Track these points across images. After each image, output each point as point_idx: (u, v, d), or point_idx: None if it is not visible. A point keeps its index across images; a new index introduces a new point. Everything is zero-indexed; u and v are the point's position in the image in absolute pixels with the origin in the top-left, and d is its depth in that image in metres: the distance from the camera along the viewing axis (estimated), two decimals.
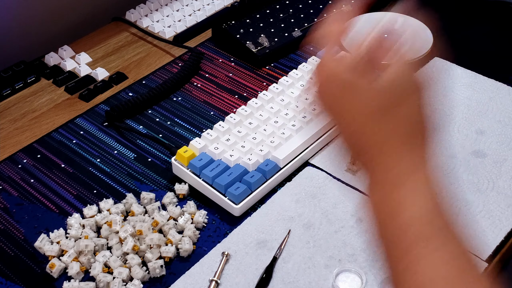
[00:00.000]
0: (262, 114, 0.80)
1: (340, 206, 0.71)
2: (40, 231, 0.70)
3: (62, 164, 0.79)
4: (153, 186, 0.76)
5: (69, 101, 0.89)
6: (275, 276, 0.64)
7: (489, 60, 0.94)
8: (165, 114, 0.87)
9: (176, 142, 0.82)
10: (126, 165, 0.79)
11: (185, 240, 0.68)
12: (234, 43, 0.96)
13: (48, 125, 0.85)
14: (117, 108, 0.84)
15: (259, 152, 0.75)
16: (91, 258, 0.66)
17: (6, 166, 0.79)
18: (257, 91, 0.90)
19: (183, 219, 0.70)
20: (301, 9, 1.02)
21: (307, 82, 0.78)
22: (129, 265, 0.66)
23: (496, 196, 0.71)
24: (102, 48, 1.00)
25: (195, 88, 0.91)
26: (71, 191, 0.76)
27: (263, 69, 0.94)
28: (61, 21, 1.02)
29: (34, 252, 0.69)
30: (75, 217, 0.71)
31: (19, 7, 0.95)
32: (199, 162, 0.73)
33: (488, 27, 1.01)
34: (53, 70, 0.94)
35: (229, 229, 0.70)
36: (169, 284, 0.65)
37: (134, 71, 0.95)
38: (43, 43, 1.00)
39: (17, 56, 0.95)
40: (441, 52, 0.95)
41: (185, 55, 0.97)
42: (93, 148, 0.81)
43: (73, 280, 0.64)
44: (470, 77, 0.90)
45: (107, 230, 0.69)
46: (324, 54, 0.54)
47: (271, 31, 0.97)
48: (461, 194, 0.71)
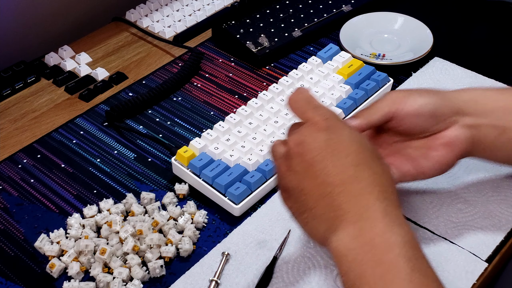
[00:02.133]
0: (262, 114, 0.80)
1: None
2: (40, 231, 0.71)
3: (62, 164, 0.79)
4: (153, 186, 0.76)
5: (69, 101, 0.89)
6: (275, 276, 0.64)
7: (489, 60, 0.94)
8: (165, 114, 0.87)
9: (176, 142, 0.82)
10: (126, 165, 0.79)
11: (185, 240, 0.68)
12: (234, 43, 0.96)
13: (48, 125, 0.85)
14: (117, 108, 0.84)
15: (259, 152, 0.75)
16: (91, 258, 0.66)
17: (6, 166, 0.79)
18: (257, 91, 0.90)
19: (183, 219, 0.70)
20: (301, 9, 1.02)
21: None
22: (129, 265, 0.66)
23: (496, 196, 0.71)
24: (102, 48, 1.00)
25: (195, 88, 0.91)
26: (71, 191, 0.76)
27: (263, 69, 0.94)
28: (61, 21, 1.02)
29: (34, 252, 0.69)
30: (75, 217, 0.71)
31: (19, 7, 0.95)
32: (199, 162, 0.73)
33: (488, 27, 1.01)
34: (53, 70, 0.94)
35: (229, 229, 0.70)
36: (169, 284, 0.65)
37: (134, 71, 0.95)
38: (43, 43, 1.00)
39: (17, 56, 0.95)
40: (441, 52, 0.95)
41: (185, 55, 0.97)
42: (93, 148, 0.81)
43: (73, 280, 0.64)
44: (470, 77, 0.90)
45: (107, 230, 0.69)
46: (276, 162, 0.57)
47: (271, 31, 0.97)
48: (461, 194, 0.71)
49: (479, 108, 0.63)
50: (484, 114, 0.63)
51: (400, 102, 0.62)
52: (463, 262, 0.65)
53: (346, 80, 0.86)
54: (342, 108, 0.81)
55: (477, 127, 0.63)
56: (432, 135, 0.63)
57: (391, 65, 0.91)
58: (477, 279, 0.63)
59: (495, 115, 0.63)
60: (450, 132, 0.63)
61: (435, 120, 0.62)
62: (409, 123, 0.62)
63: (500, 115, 0.63)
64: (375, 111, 0.62)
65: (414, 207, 0.70)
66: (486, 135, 0.63)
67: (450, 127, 0.63)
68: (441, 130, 0.63)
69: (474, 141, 0.63)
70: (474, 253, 0.66)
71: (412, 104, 0.62)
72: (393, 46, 0.96)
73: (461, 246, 0.66)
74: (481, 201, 0.71)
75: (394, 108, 0.62)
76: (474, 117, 0.63)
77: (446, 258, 0.65)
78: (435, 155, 0.63)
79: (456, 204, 0.71)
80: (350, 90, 0.85)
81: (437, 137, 0.63)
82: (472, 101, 0.64)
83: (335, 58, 0.89)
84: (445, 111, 0.62)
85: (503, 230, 0.68)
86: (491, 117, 0.63)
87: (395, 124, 0.63)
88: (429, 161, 0.63)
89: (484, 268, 0.64)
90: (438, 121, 0.62)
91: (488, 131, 0.63)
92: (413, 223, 0.69)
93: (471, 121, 0.63)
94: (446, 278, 0.63)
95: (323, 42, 0.99)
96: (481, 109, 0.63)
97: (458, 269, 0.64)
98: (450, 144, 0.63)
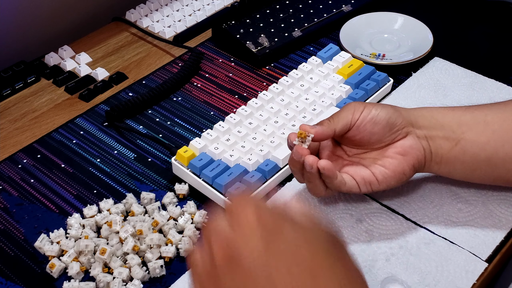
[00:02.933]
0: (262, 114, 0.80)
1: (340, 206, 0.71)
2: (40, 231, 0.71)
3: (62, 164, 0.79)
4: (153, 186, 0.76)
5: (69, 101, 0.89)
6: None
7: (489, 60, 0.94)
8: (165, 114, 0.87)
9: (176, 142, 0.82)
10: (126, 165, 0.79)
11: (185, 240, 0.68)
12: (234, 43, 0.96)
13: (48, 125, 0.85)
14: (117, 108, 0.84)
15: (259, 152, 0.75)
16: (91, 258, 0.66)
17: (6, 166, 0.79)
18: (257, 91, 0.90)
19: (183, 219, 0.70)
20: (301, 9, 1.02)
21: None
22: (129, 265, 0.65)
23: (496, 196, 0.71)
24: (102, 48, 1.00)
25: (195, 88, 0.91)
26: (71, 191, 0.76)
27: (263, 69, 0.94)
28: (61, 21, 1.02)
29: (34, 252, 0.69)
30: (75, 217, 0.71)
31: (19, 7, 0.95)
32: (199, 162, 0.73)
33: (488, 27, 1.01)
34: (53, 70, 0.94)
35: None
36: (169, 284, 0.65)
37: (134, 71, 0.95)
38: (43, 43, 1.00)
39: (17, 56, 0.95)
40: (441, 52, 0.95)
41: (185, 55, 0.97)
42: (93, 148, 0.81)
43: (73, 280, 0.64)
44: (470, 77, 0.90)
45: (107, 230, 0.69)
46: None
47: (271, 31, 0.97)
48: (461, 194, 0.71)
49: (431, 122, 0.66)
50: (436, 127, 0.66)
51: (358, 110, 0.65)
52: (463, 262, 0.65)
53: (346, 80, 0.86)
54: None
55: (431, 138, 0.66)
56: (387, 145, 0.66)
57: (391, 65, 0.91)
58: (477, 279, 0.63)
59: (447, 128, 0.66)
60: (405, 141, 0.65)
61: (390, 128, 0.65)
62: (366, 131, 0.65)
63: (452, 128, 0.66)
64: (338, 119, 0.65)
65: (414, 207, 0.70)
66: (440, 147, 0.66)
67: (405, 137, 0.65)
68: (396, 140, 0.66)
69: (428, 152, 0.66)
70: (474, 253, 0.66)
71: (368, 113, 0.65)
72: (393, 46, 0.96)
73: (461, 246, 0.66)
74: (481, 201, 0.71)
75: (355, 117, 0.65)
76: (427, 130, 0.66)
77: (446, 258, 0.65)
78: (390, 163, 0.65)
79: (456, 204, 0.71)
80: (350, 90, 0.85)
81: (393, 146, 0.66)
82: (422, 116, 0.67)
83: (335, 58, 0.89)
84: (399, 120, 0.65)
85: (503, 230, 0.68)
86: (443, 130, 0.66)
87: (353, 133, 0.65)
88: (385, 169, 0.65)
89: (484, 268, 0.64)
90: (393, 130, 0.65)
91: (442, 142, 0.66)
92: (413, 223, 0.69)
93: (425, 133, 0.66)
94: (446, 278, 0.63)
95: (323, 42, 0.99)
96: (433, 123, 0.66)
97: (458, 269, 0.64)
98: (404, 153, 0.65)
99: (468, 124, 0.66)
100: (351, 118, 0.65)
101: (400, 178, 0.66)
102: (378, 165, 0.65)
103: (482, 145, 0.65)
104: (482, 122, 0.66)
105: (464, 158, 0.65)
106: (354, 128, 0.65)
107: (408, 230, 0.68)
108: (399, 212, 0.70)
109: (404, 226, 0.69)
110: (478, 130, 0.65)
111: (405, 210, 0.70)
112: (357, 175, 0.65)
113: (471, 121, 0.66)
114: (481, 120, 0.66)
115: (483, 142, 0.65)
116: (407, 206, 0.70)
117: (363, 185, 0.65)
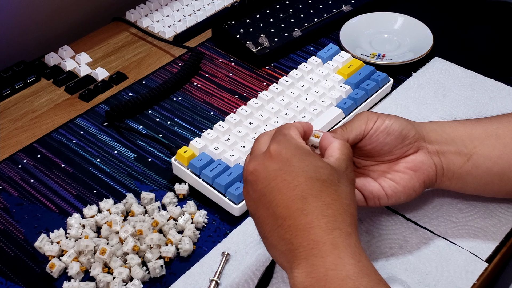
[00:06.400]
0: (262, 114, 0.80)
1: None
2: (40, 231, 0.71)
3: (62, 164, 0.79)
4: (153, 186, 0.76)
5: (69, 101, 0.89)
6: (275, 276, 0.64)
7: (489, 60, 0.94)
8: (165, 114, 0.87)
9: (176, 142, 0.82)
10: (126, 165, 0.79)
11: (185, 240, 0.68)
12: (234, 43, 0.96)
13: (48, 125, 0.85)
14: (117, 108, 0.84)
15: None
16: (91, 258, 0.66)
17: (6, 166, 0.79)
18: (257, 91, 0.90)
19: (183, 219, 0.70)
20: (301, 9, 1.02)
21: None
22: (129, 265, 0.66)
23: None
24: (102, 48, 1.00)
25: (195, 88, 0.91)
26: (71, 191, 0.76)
27: (263, 69, 0.94)
28: (61, 21, 1.02)
29: (34, 252, 0.69)
30: (75, 217, 0.71)
31: (19, 7, 0.95)
32: (199, 162, 0.73)
33: (488, 27, 1.01)
34: (53, 70, 0.94)
35: (229, 229, 0.70)
36: (169, 284, 0.65)
37: (134, 71, 0.95)
38: (43, 43, 1.00)
39: (17, 56, 0.95)
40: (441, 52, 0.95)
41: (185, 55, 0.97)
42: (93, 148, 0.81)
43: (73, 280, 0.64)
44: (470, 77, 0.90)
45: (107, 230, 0.69)
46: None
47: (271, 31, 0.97)
48: (461, 194, 0.71)
49: (442, 136, 0.65)
50: (447, 142, 0.65)
51: (372, 120, 0.64)
52: (463, 262, 0.65)
53: (346, 80, 0.86)
54: (342, 108, 0.81)
55: (443, 154, 0.65)
56: (399, 158, 0.65)
57: (391, 65, 0.91)
58: (477, 279, 0.63)
59: (458, 142, 0.65)
60: (416, 156, 0.64)
61: (402, 140, 0.64)
62: (378, 142, 0.64)
63: (464, 142, 0.65)
64: (351, 129, 0.64)
65: (414, 207, 0.70)
66: (452, 162, 0.64)
67: (417, 152, 0.64)
68: (408, 154, 0.64)
69: (440, 168, 0.65)
70: (474, 253, 0.66)
71: (382, 123, 0.63)
72: (393, 46, 0.96)
73: (461, 246, 0.66)
74: (481, 201, 0.71)
75: (368, 126, 0.63)
76: (438, 145, 0.65)
77: (446, 258, 0.65)
78: (401, 177, 0.64)
79: (456, 204, 0.71)
80: (350, 90, 0.85)
81: (404, 161, 0.64)
82: (433, 131, 0.65)
83: (335, 58, 0.90)
84: (412, 133, 0.64)
85: (503, 230, 0.68)
86: (455, 144, 0.65)
87: (365, 143, 0.64)
88: (395, 184, 0.64)
89: (484, 268, 0.64)
90: (405, 142, 0.64)
91: (454, 158, 0.64)
92: (413, 223, 0.69)
93: (437, 148, 0.65)
94: (446, 278, 0.63)
95: (323, 42, 0.99)
96: (445, 137, 0.65)
97: (458, 269, 0.64)
98: (415, 169, 0.64)
99: (480, 138, 0.64)
100: (365, 127, 0.63)
101: (410, 194, 0.64)
102: (388, 179, 0.64)
103: (495, 159, 0.64)
104: (493, 135, 0.64)
105: (477, 172, 0.64)
106: (366, 138, 0.63)
107: (408, 230, 0.68)
108: (399, 212, 0.70)
109: (404, 226, 0.69)
110: (490, 144, 0.64)
111: (405, 210, 0.70)
112: (365, 189, 0.64)
113: (482, 134, 0.65)
114: (493, 133, 0.65)
115: (496, 156, 0.64)
116: (407, 206, 0.70)
117: (370, 199, 0.64)
